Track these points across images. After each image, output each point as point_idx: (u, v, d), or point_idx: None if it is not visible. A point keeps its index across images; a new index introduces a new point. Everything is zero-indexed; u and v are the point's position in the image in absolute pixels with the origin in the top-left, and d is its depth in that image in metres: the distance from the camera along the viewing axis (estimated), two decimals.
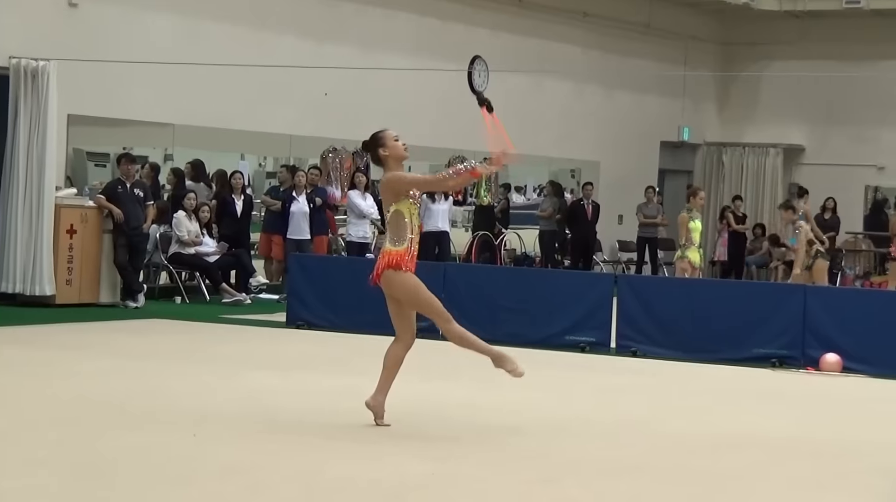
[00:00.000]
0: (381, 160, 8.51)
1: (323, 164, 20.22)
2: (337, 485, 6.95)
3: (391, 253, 8.32)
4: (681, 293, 13.97)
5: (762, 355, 13.01)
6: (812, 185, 26.43)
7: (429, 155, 22.14)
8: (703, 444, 8.61)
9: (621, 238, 25.55)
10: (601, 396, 10.59)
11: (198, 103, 18.43)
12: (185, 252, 17.64)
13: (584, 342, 13.55)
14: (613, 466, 7.75)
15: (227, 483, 6.92)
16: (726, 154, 28.15)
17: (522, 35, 23.51)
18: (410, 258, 8.35)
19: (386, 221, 8.49)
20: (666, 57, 26.48)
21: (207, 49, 18.30)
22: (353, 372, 11.58)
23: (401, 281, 8.30)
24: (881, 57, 26.26)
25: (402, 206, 8.34)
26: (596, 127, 25.38)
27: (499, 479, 7.26)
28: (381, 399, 8.50)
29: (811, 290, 13.79)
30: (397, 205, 8.34)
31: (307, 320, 14.73)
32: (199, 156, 19.24)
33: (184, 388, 10.13)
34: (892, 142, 26.62)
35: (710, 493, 7.18)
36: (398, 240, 8.33)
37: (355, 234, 18.85)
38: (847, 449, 8.69)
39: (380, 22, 21.16)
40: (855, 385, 12.07)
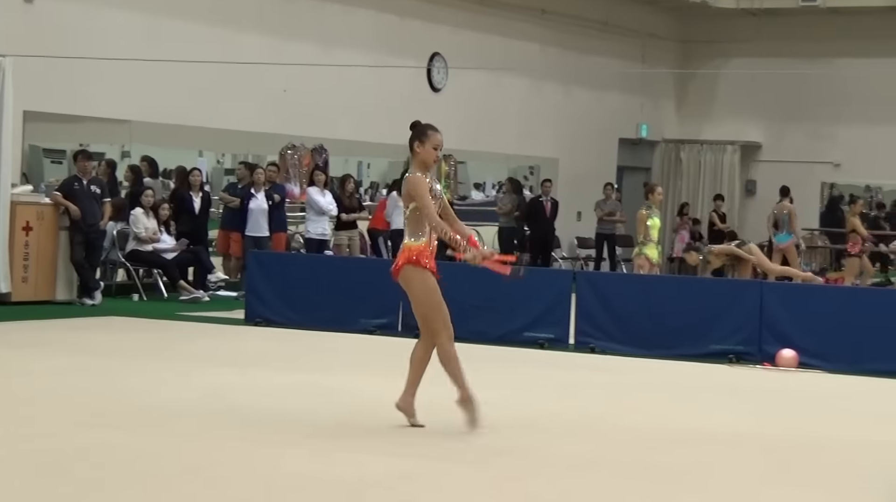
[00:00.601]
0: (412, 150, 8.44)
1: (282, 161, 20.17)
2: (296, 482, 6.94)
3: (411, 248, 8.30)
4: (639, 289, 14.03)
5: (719, 351, 13.08)
6: (768, 182, 26.66)
7: (388, 152, 22.16)
8: (661, 440, 8.66)
9: (580, 234, 25.63)
10: (560, 392, 10.62)
11: (155, 100, 18.34)
12: (143, 249, 17.55)
13: (543, 338, 13.58)
14: (574, 462, 7.78)
15: (186, 480, 6.90)
16: (684, 151, 28.30)
17: (481, 32, 23.53)
18: (431, 253, 8.31)
19: (405, 217, 8.42)
20: (624, 54, 26.57)
21: (165, 45, 18.22)
22: (312, 369, 11.58)
23: (420, 278, 8.26)
24: (837, 54, 26.48)
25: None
26: (555, 124, 25.45)
27: (462, 476, 7.27)
28: (411, 399, 8.44)
29: (768, 287, 13.88)
30: (417, 204, 8.31)
31: (266, 317, 14.70)
32: (156, 152, 19.14)
33: (142, 386, 10.08)
34: (848, 139, 26.84)
35: (668, 488, 7.22)
36: (417, 235, 8.31)
37: (314, 231, 18.80)
38: (803, 445, 8.76)
39: (339, 18, 21.12)
40: (811, 380, 12.16)
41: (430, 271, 8.28)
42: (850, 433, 9.33)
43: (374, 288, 14.42)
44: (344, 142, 21.31)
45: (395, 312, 14.30)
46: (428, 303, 8.28)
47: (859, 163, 26.92)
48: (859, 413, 10.37)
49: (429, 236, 8.31)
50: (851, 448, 8.70)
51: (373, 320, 14.30)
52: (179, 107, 18.62)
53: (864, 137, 26.67)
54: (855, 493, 7.35)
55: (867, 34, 26.31)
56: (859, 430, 9.43)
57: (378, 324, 14.31)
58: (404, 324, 14.22)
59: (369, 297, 14.36)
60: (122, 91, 17.95)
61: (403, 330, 14.12)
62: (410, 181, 8.36)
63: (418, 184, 8.29)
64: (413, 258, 8.27)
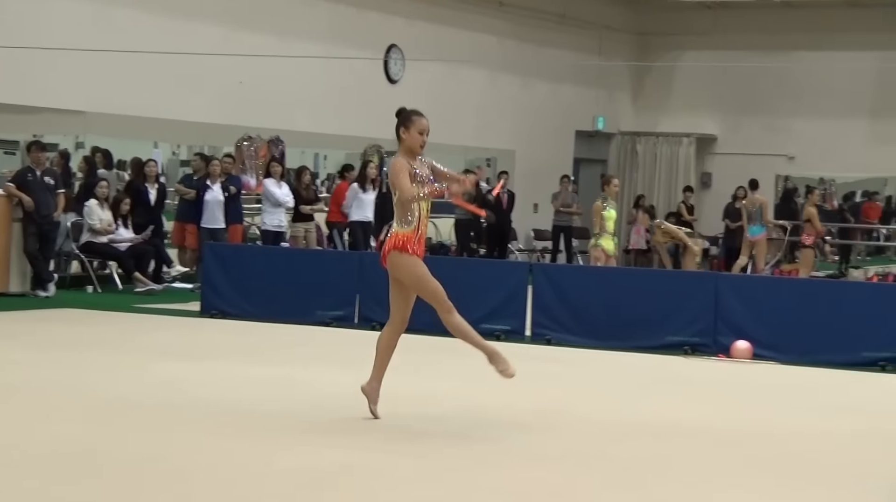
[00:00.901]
0: (398, 137, 8.43)
1: (237, 153, 20.09)
2: (252, 474, 6.92)
3: (398, 234, 8.28)
4: (595, 281, 14.08)
5: (675, 342, 13.15)
6: (724, 174, 26.81)
7: (345, 143, 22.12)
8: (616, 431, 8.69)
9: (537, 226, 25.68)
10: (516, 384, 10.61)
11: (110, 90, 18.21)
12: (97, 240, 17.44)
13: (500, 330, 13.59)
14: (529, 454, 7.80)
15: (140, 472, 6.87)
16: (640, 143, 28.41)
17: (439, 24, 23.52)
18: (418, 240, 8.29)
19: (394, 203, 8.37)
20: (581, 46, 26.63)
21: (120, 35, 18.10)
22: (268, 361, 11.54)
23: (407, 264, 8.25)
24: (792, 47, 26.65)
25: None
26: (511, 116, 25.48)
27: (417, 468, 7.27)
28: (376, 385, 8.46)
29: (723, 279, 13.96)
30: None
31: (221, 309, 14.65)
32: (111, 143, 19.01)
33: (97, 378, 10.02)
34: (803, 131, 27.01)
35: (624, 479, 7.25)
36: (405, 222, 8.29)
37: (270, 223, 18.73)
38: (757, 435, 8.82)
39: (296, 9, 21.05)
40: (765, 372, 12.25)
41: (416, 256, 8.27)
42: (803, 423, 9.40)
43: (331, 280, 14.42)
44: (300, 133, 21.25)
45: (352, 304, 14.29)
46: (421, 285, 8.30)
47: (813, 156, 27.11)
48: (812, 403, 10.45)
49: (417, 222, 8.29)
50: (804, 437, 8.78)
51: (329, 312, 14.28)
52: (134, 97, 18.50)
53: (819, 130, 26.86)
54: (808, 482, 7.41)
55: (822, 27, 26.50)
56: (812, 421, 9.50)
57: (334, 315, 14.29)
58: (361, 315, 14.22)
59: (326, 289, 14.35)
60: (76, 81, 17.82)
61: (360, 321, 14.12)
62: (392, 166, 8.36)
63: (395, 167, 8.27)
64: (400, 244, 8.27)
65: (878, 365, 12.54)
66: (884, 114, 26.59)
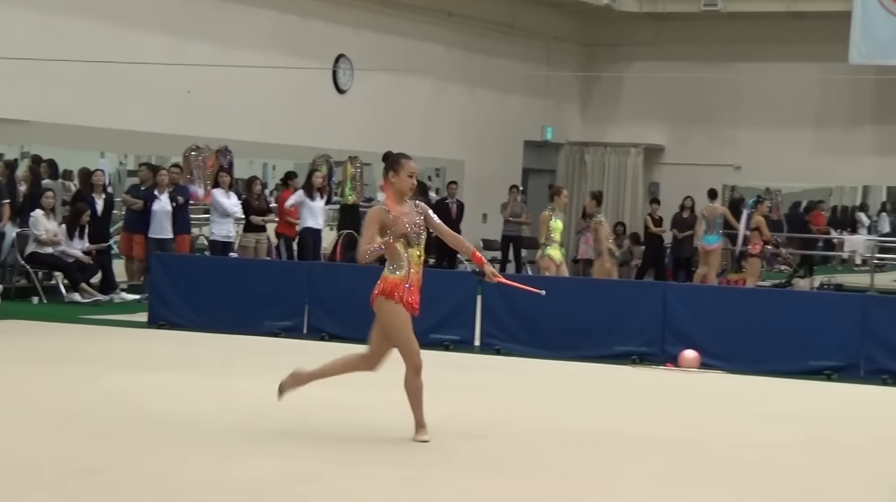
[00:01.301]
0: (385, 180, 8.38)
1: (185, 163, 19.98)
2: (197, 485, 6.88)
3: (386, 280, 8.21)
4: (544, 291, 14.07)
5: (623, 352, 13.20)
6: (671, 185, 26.96)
7: (293, 153, 22.06)
8: (564, 440, 8.71)
9: (486, 236, 25.70)
10: (466, 394, 10.64)
11: (56, 100, 18.07)
12: (43, 251, 17.29)
13: (449, 340, 13.60)
14: (475, 463, 7.80)
15: (86, 483, 6.82)
16: (588, 153, 28.51)
17: (386, 33, 23.52)
18: (409, 288, 8.21)
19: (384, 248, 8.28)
20: (529, 57, 26.71)
21: (66, 45, 17.96)
22: (216, 372, 11.49)
23: (389, 312, 8.18)
24: (738, 59, 26.86)
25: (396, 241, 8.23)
26: (460, 126, 25.51)
27: (361, 478, 7.26)
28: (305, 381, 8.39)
29: (671, 288, 14.04)
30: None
31: (169, 320, 14.56)
32: (57, 153, 18.85)
33: (42, 390, 9.93)
34: (749, 142, 27.22)
35: (571, 488, 7.26)
36: (395, 267, 8.23)
37: (219, 233, 18.66)
38: (705, 444, 8.87)
39: (243, 19, 20.98)
40: (712, 381, 12.32)
41: (402, 305, 8.19)
42: (747, 432, 9.46)
43: (280, 290, 14.37)
44: (249, 143, 21.17)
45: (301, 315, 14.25)
46: (394, 337, 8.23)
47: (759, 166, 27.33)
48: (758, 412, 10.52)
49: (408, 269, 8.22)
50: (750, 446, 8.83)
51: (278, 322, 14.22)
52: (81, 107, 18.35)
53: (764, 140, 27.08)
54: (753, 490, 7.45)
55: (766, 39, 26.73)
56: (756, 429, 9.57)
57: (283, 326, 14.24)
58: (310, 326, 14.18)
59: (274, 300, 14.30)
60: (20, 91, 17.66)
61: (309, 332, 14.08)
62: (368, 214, 8.30)
63: (368, 216, 8.24)
64: (387, 291, 8.20)
65: (825, 373, 12.64)
66: (827, 124, 26.86)
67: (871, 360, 12.70)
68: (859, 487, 7.74)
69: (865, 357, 12.72)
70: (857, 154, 26.49)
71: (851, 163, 26.60)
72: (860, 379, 12.55)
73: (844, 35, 24.53)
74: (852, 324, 12.79)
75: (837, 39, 24.66)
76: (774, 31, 26.70)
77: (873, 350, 12.72)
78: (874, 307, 13.10)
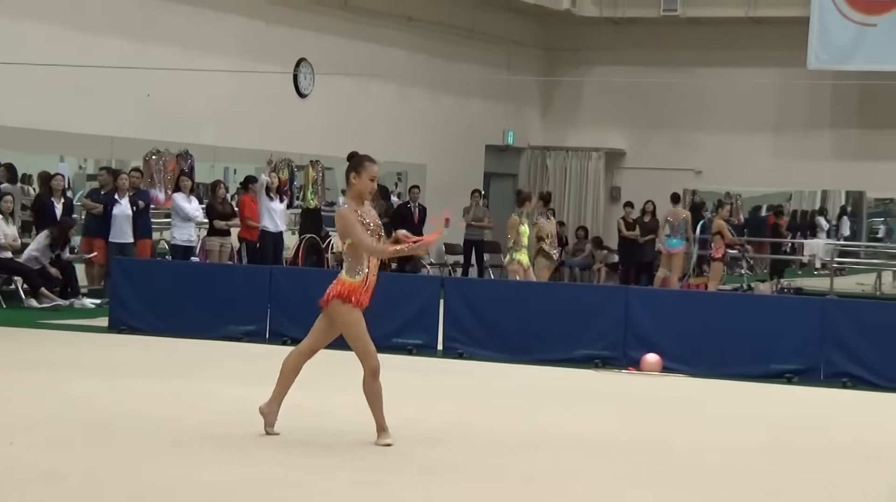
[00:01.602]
0: (347, 181, 8.36)
1: (146, 167, 19.87)
2: (159, 490, 6.85)
3: (344, 283, 8.19)
4: (506, 295, 14.13)
5: (585, 356, 13.22)
6: (632, 189, 27.04)
7: (255, 157, 21.98)
8: (526, 444, 8.72)
9: (448, 241, 25.71)
10: (427, 398, 10.64)
11: (14, 103, 17.93)
12: (2, 256, 17.15)
13: (412, 344, 13.60)
14: (438, 467, 7.80)
15: (47, 490, 6.77)
16: (550, 158, 28.58)
17: (348, 38, 23.49)
18: (365, 291, 8.20)
19: (343, 251, 8.29)
20: (490, 61, 26.74)
21: (25, 48, 17.83)
22: (178, 376, 11.43)
23: (346, 315, 8.16)
24: (698, 63, 26.99)
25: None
26: (422, 130, 25.51)
27: (324, 481, 7.25)
28: (276, 407, 8.39)
29: (633, 292, 14.09)
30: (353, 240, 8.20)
31: (130, 325, 14.47)
32: (15, 157, 18.73)
33: (4, 395, 9.85)
34: (709, 146, 27.36)
35: (531, 491, 7.27)
36: (354, 271, 8.20)
37: (180, 237, 18.58)
38: (666, 447, 8.90)
39: (204, 23, 20.89)
40: (674, 384, 12.36)
41: (358, 308, 8.19)
42: (710, 435, 9.50)
43: (242, 295, 14.32)
44: (209, 147, 21.09)
45: (263, 319, 14.20)
46: (352, 341, 8.24)
47: (720, 171, 27.47)
48: (718, 415, 10.57)
49: (367, 273, 8.22)
50: (712, 449, 8.87)
51: (240, 327, 14.17)
52: (39, 111, 18.22)
53: (725, 145, 27.24)
54: (715, 494, 7.48)
55: (726, 44, 26.88)
56: (719, 432, 9.61)
57: (245, 330, 14.19)
58: (272, 330, 14.13)
59: (236, 304, 14.25)
60: None
61: (271, 336, 14.04)
62: (340, 216, 8.27)
63: (347, 218, 8.19)
64: (344, 294, 8.18)
65: (785, 376, 12.72)
66: (787, 129, 27.04)
67: (830, 364, 12.79)
68: (821, 490, 7.79)
69: (825, 360, 12.80)
70: (817, 158, 26.68)
71: (811, 168, 26.79)
72: (820, 382, 12.63)
73: (803, 40, 24.73)
74: (812, 328, 12.88)
75: (796, 45, 24.85)
76: (734, 36, 26.85)
77: (833, 353, 12.80)
78: (834, 311, 13.19)
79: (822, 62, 24.90)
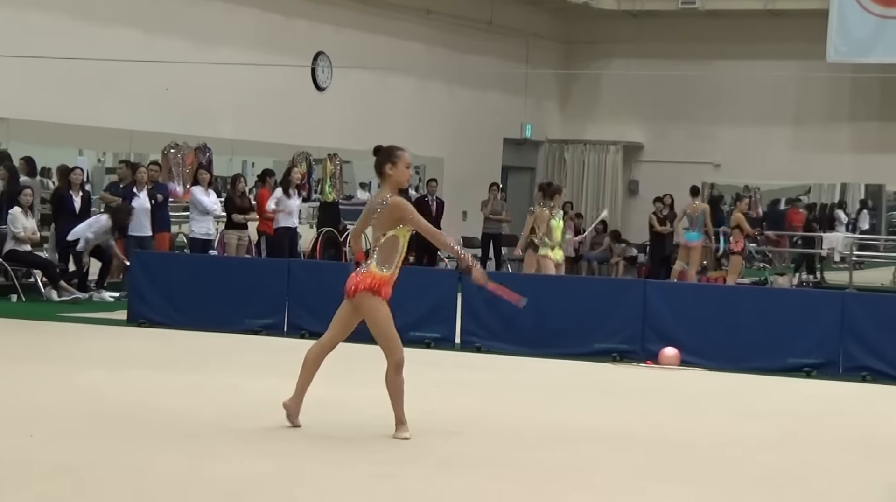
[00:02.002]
0: (381, 173, 8.30)
1: (164, 160, 19.91)
2: (174, 484, 6.86)
3: (374, 276, 8.16)
4: (524, 289, 13.97)
5: (603, 350, 13.21)
6: (650, 182, 27.00)
7: (273, 151, 22.02)
8: (544, 437, 8.71)
9: (466, 234, 25.68)
10: (445, 391, 10.64)
11: (34, 97, 17.98)
12: (21, 249, 17.21)
13: (430, 338, 13.59)
14: (456, 460, 7.79)
15: (57, 482, 6.78)
16: (568, 151, 28.53)
17: (366, 31, 23.48)
18: (390, 284, 8.21)
19: (378, 243, 8.21)
20: (508, 54, 26.71)
21: (45, 42, 17.87)
22: (195, 369, 11.46)
23: (374, 307, 8.16)
24: (716, 56, 26.91)
25: (401, 233, 8.19)
26: (440, 124, 25.49)
27: (341, 475, 7.25)
28: (298, 401, 8.40)
29: (651, 286, 14.06)
30: (395, 232, 8.17)
31: (149, 318, 14.51)
32: (35, 151, 18.77)
33: (20, 388, 9.89)
34: (728, 139, 27.28)
35: (550, 485, 7.27)
36: (386, 264, 8.18)
37: (198, 231, 18.61)
38: (684, 442, 8.88)
39: (222, 16, 20.92)
40: (692, 378, 12.34)
41: (385, 301, 8.19)
42: (728, 429, 9.48)
43: (260, 288, 14.34)
44: (228, 141, 21.12)
45: (281, 312, 14.22)
46: (379, 333, 8.22)
47: (738, 164, 27.39)
48: (738, 410, 10.54)
49: (396, 267, 8.21)
50: (730, 443, 8.84)
51: (258, 320, 14.19)
52: (59, 104, 18.27)
53: (743, 138, 27.15)
54: (734, 488, 7.47)
55: (745, 37, 26.79)
56: (738, 426, 9.59)
57: (263, 324, 14.20)
58: (290, 324, 14.15)
59: (254, 298, 14.26)
60: None
61: (289, 330, 14.05)
62: (395, 206, 8.14)
63: (405, 208, 8.13)
64: (375, 286, 8.16)
65: (804, 370, 12.68)
66: (806, 122, 26.94)
67: (850, 357, 12.74)
68: (839, 484, 7.77)
69: (844, 354, 12.75)
70: (836, 151, 26.57)
71: (830, 161, 26.69)
72: (839, 376, 12.59)
73: (822, 33, 24.61)
74: (831, 322, 12.83)
75: (815, 37, 24.74)
76: (753, 28, 26.76)
77: (852, 347, 12.75)
78: (853, 304, 13.14)
79: (841, 55, 24.78)
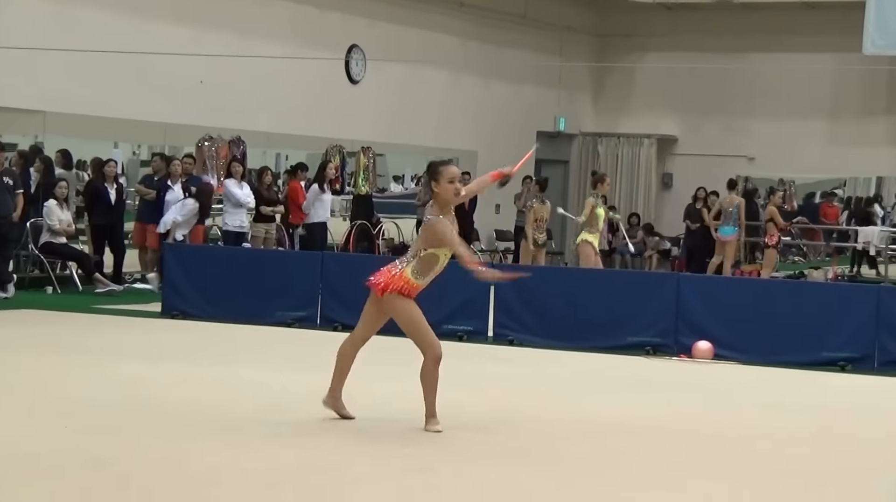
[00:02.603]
0: (430, 191, 8.36)
1: (198, 153, 19.98)
2: (208, 475, 6.88)
3: (407, 282, 8.20)
4: (557, 282, 14.09)
5: (636, 343, 13.18)
6: (684, 175, 26.90)
7: (306, 143, 22.06)
8: (576, 431, 8.70)
9: (498, 227, 25.70)
10: (478, 384, 10.64)
11: (70, 90, 18.08)
12: (56, 241, 17.32)
13: (462, 331, 13.60)
14: (488, 454, 7.79)
15: (95, 474, 6.82)
16: (601, 144, 28.45)
17: (400, 24, 23.49)
18: (419, 291, 8.27)
19: (419, 254, 8.24)
20: (542, 47, 26.66)
21: (80, 35, 17.97)
22: (229, 361, 11.49)
23: (404, 308, 8.21)
24: (751, 49, 26.78)
25: (442, 253, 8.23)
26: (474, 117, 25.48)
27: (374, 468, 7.25)
28: (338, 395, 8.45)
29: (685, 279, 14.02)
30: (436, 251, 8.21)
31: (183, 310, 14.57)
32: (71, 143, 18.89)
33: (55, 379, 9.94)
34: (762, 132, 27.15)
35: (583, 478, 7.26)
36: (422, 275, 8.23)
37: (232, 224, 18.67)
38: (717, 435, 8.85)
39: (256, 9, 20.97)
40: (726, 372, 12.30)
41: (413, 299, 8.25)
42: (761, 423, 9.44)
43: (293, 280, 14.38)
44: (262, 133, 21.17)
45: (314, 305, 14.25)
46: (414, 332, 8.25)
47: (773, 157, 27.24)
48: (771, 404, 10.50)
49: (431, 280, 8.28)
50: (762, 437, 8.81)
51: (291, 313, 14.23)
52: (94, 97, 18.36)
53: (778, 131, 27.01)
54: (766, 482, 7.43)
55: (780, 29, 26.64)
56: (771, 421, 9.55)
57: (296, 316, 14.24)
58: (323, 316, 14.18)
59: (287, 290, 14.30)
60: (34, 81, 17.67)
61: (322, 322, 14.08)
62: (432, 228, 8.18)
63: (440, 232, 8.14)
64: (405, 291, 8.20)
65: (838, 364, 12.62)
66: (841, 115, 26.77)
67: (885, 351, 12.68)
68: (872, 479, 7.72)
69: (880, 348, 12.69)
70: (872, 145, 26.39)
71: (866, 154, 26.51)
72: (874, 370, 12.53)
73: (858, 25, 24.42)
74: (867, 316, 12.76)
75: (851, 30, 24.55)
76: (788, 21, 26.61)
77: (887, 341, 12.69)
78: (888, 298, 13.05)
79: (878, 47, 24.58)
